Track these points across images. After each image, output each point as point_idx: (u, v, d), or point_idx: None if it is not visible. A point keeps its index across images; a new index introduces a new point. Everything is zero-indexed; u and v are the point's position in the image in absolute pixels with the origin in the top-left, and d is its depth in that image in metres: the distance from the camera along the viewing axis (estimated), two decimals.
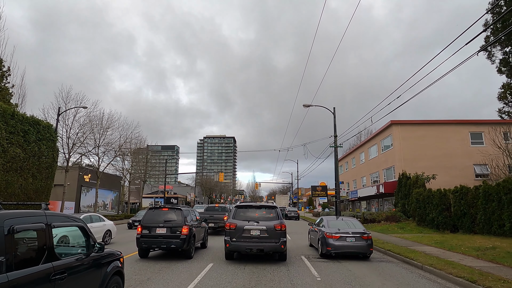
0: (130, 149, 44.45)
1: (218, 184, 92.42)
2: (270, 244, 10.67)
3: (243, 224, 10.96)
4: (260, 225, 10.89)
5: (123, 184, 49.49)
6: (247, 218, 11.27)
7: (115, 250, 6.01)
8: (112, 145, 36.22)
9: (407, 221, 25.71)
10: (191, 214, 13.30)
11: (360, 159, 42.51)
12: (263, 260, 11.70)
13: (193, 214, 13.80)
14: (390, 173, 32.66)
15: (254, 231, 10.83)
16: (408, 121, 32.02)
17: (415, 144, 30.78)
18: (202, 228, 14.56)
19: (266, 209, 11.76)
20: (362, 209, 41.04)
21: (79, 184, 37.48)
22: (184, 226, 11.43)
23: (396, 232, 21.89)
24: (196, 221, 13.40)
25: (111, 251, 5.70)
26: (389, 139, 32.71)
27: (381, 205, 35.17)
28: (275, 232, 10.76)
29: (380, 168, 34.96)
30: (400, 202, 28.08)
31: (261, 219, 11.19)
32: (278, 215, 11.40)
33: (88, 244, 5.03)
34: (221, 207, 26.75)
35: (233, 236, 10.88)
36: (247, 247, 10.68)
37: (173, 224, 11.52)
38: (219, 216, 23.13)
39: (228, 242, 10.89)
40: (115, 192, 46.53)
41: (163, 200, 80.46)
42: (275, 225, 10.86)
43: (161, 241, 11.35)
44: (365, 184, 39.52)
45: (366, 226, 27.36)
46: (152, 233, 11.47)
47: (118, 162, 43.59)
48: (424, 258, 11.59)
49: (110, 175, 45.78)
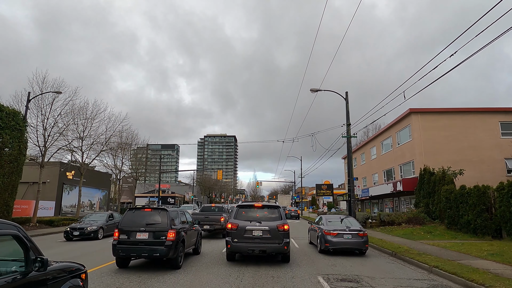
0: (121, 144, 40.99)
1: (217, 182, 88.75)
2: (272, 245, 10.39)
3: (245, 224, 10.66)
4: (262, 226, 10.58)
5: (116, 183, 45.98)
6: (249, 218, 10.96)
7: (73, 263, 4.71)
8: (97, 139, 32.74)
9: (433, 224, 21.99)
10: (179, 215, 11.54)
11: (371, 155, 38.79)
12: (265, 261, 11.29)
13: (182, 215, 11.96)
14: (408, 168, 28.92)
15: (256, 231, 10.52)
16: (429, 109, 28.26)
17: (437, 136, 27.04)
18: (195, 232, 12.79)
19: (268, 209, 11.43)
20: (374, 210, 37.34)
21: (61, 182, 33.92)
22: (170, 231, 9.80)
23: (424, 238, 18.18)
24: (186, 224, 11.79)
25: (65, 265, 4.44)
26: (407, 130, 28.97)
27: (397, 204, 31.43)
28: (278, 233, 10.45)
29: (395, 163, 31.23)
30: (422, 202, 24.36)
31: (264, 219, 10.87)
32: (281, 215, 11.04)
33: (28, 259, 3.62)
34: (218, 207, 23.48)
35: (235, 236, 10.59)
36: (249, 248, 10.42)
37: (157, 228, 9.89)
38: (215, 217, 20.34)
39: (230, 242, 10.61)
40: (104, 190, 42.96)
41: (158, 199, 77.05)
42: (278, 226, 10.55)
43: (142, 249, 9.70)
44: (377, 181, 35.79)
45: (384, 230, 23.78)
46: (132, 238, 9.81)
47: (106, 158, 40.07)
48: (504, 284, 7.86)
49: (98, 173, 42.24)
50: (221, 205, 25.25)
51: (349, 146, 22.79)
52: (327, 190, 53.76)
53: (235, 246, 10.53)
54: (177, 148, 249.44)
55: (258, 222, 10.67)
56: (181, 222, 11.18)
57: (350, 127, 22.61)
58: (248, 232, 10.52)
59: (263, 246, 10.35)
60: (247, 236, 10.50)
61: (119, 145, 38.97)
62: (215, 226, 19.84)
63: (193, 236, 12.48)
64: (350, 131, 22.70)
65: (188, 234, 11.40)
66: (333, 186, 55.25)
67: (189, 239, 11.54)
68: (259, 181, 70.60)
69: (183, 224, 11.27)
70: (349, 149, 22.85)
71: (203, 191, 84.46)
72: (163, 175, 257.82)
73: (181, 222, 11.18)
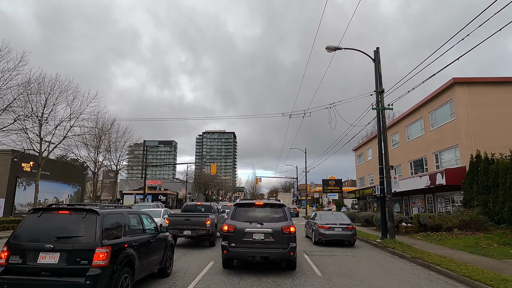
0: (96, 131, 34.68)
1: (213, 179, 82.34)
2: (276, 250, 8.98)
3: (244, 226, 9.25)
4: (264, 227, 9.16)
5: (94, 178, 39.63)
6: (249, 218, 9.54)
7: None
8: (61, 123, 26.46)
9: (500, 230, 15.75)
10: (130, 220, 7.46)
11: (391, 144, 32.50)
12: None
13: (134, 219, 7.78)
14: (449, 156, 22.61)
15: (257, 234, 9.12)
16: (478, 79, 21.89)
17: (490, 113, 20.74)
18: (159, 243, 8.63)
19: (271, 207, 9.87)
20: (395, 209, 31.04)
21: (13, 174, 27.60)
22: (100, 250, 5.77)
23: (508, 255, 11.90)
24: (144, 234, 7.83)
25: None
26: (446, 108, 22.62)
27: (430, 202, 25.10)
28: (282, 236, 9.05)
29: (428, 151, 24.92)
30: (477, 199, 18.10)
31: (266, 220, 9.44)
32: (286, 215, 9.59)
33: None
34: (204, 206, 18.21)
35: (232, 240, 9.16)
36: (249, 254, 8.97)
37: (76, 244, 5.81)
38: (198, 220, 15.29)
39: (226, 248, 9.13)
40: (76, 186, 36.63)
41: (143, 196, 70.86)
42: (283, 228, 9.13)
43: (45, 284, 5.53)
44: (402, 175, 29.47)
45: (428, 238, 16.21)
46: (30, 263, 5.70)
47: (81, 149, 33.79)
48: None
49: (68, 164, 35.92)
50: (208, 203, 19.46)
51: (381, 121, 16.48)
52: (335, 186, 47.53)
53: (232, 252, 9.15)
54: (175, 145, 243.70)
55: (259, 224, 9.34)
56: (131, 230, 7.29)
57: (383, 95, 16.28)
58: (248, 235, 9.20)
59: (266, 251, 9.03)
60: (247, 240, 9.16)
61: (91, 132, 32.59)
62: (198, 232, 14.99)
63: (157, 250, 8.40)
64: (383, 100, 16.38)
65: (144, 250, 7.56)
66: (342, 181, 48.92)
67: (146, 257, 7.64)
68: (259, 177, 64.21)
69: (134, 234, 7.38)
70: (381, 125, 16.55)
71: (197, 188, 77.99)
72: (160, 172, 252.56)
73: (131, 230, 7.29)
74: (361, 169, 43.15)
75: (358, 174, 44.80)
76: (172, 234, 15.43)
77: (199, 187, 78.11)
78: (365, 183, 41.34)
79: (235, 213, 9.85)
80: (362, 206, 42.49)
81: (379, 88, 16.33)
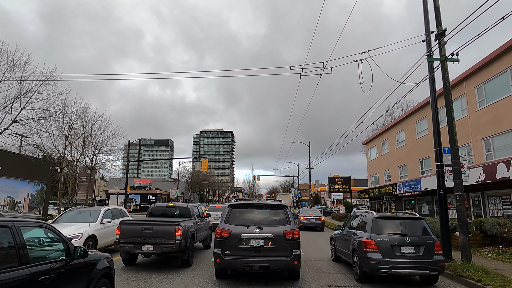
0: (65, 118, 29.11)
1: (208, 177, 76.46)
2: (278, 259, 7.81)
3: (240, 231, 8.04)
4: (264, 232, 7.96)
5: (63, 174, 33.97)
6: (246, 222, 8.33)
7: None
8: None
9: None
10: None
11: (415, 132, 26.90)
12: None
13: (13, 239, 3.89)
14: (508, 141, 16.98)
15: (255, 240, 7.90)
16: None
17: None
18: (74, 278, 4.82)
19: (271, 209, 8.71)
20: (424, 210, 25.41)
21: None
22: None
23: None
24: (25, 267, 3.92)
25: None
26: (507, 76, 16.98)
27: (478, 203, 19.43)
28: (285, 242, 7.86)
29: (477, 135, 19.29)
30: None
31: (265, 224, 8.26)
32: (289, 218, 8.37)
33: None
34: (180, 208, 13.23)
35: (226, 247, 7.96)
36: (246, 263, 7.79)
37: None
38: (163, 230, 10.25)
39: (219, 256, 7.96)
40: (39, 184, 30.84)
41: (138, 197, 65.24)
42: (286, 232, 7.94)
43: None
44: (433, 168, 23.87)
45: (503, 255, 10.50)
46: None
47: (41, 137, 28.14)
48: None
49: (28, 158, 30.17)
50: (185, 204, 13.90)
51: (444, 77, 10.80)
52: (343, 184, 41.85)
53: (227, 260, 7.89)
54: (172, 144, 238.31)
55: (258, 228, 8.06)
56: None
57: (443, 38, 10.62)
58: (245, 241, 7.94)
59: (265, 260, 7.74)
60: (243, 246, 7.91)
61: (53, 117, 26.87)
62: (164, 247, 9.97)
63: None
64: (445, 47, 10.72)
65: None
66: (350, 179, 43.21)
67: None
68: (256, 175, 58.64)
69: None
70: (446, 83, 10.88)
71: (190, 188, 72.11)
72: (156, 171, 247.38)
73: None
74: (374, 165, 37.52)
75: (370, 171, 39.16)
76: (124, 250, 10.28)
77: (192, 187, 72.26)
78: (379, 181, 35.75)
79: (230, 215, 8.65)
80: (375, 208, 36.89)
81: (438, 28, 10.67)
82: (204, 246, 14.69)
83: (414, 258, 7.97)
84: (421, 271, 7.93)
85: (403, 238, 8.20)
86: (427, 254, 8.00)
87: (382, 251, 8.07)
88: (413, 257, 7.98)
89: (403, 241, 8.14)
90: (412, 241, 8.12)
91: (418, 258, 7.95)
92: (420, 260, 7.93)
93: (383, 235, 8.38)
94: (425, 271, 7.93)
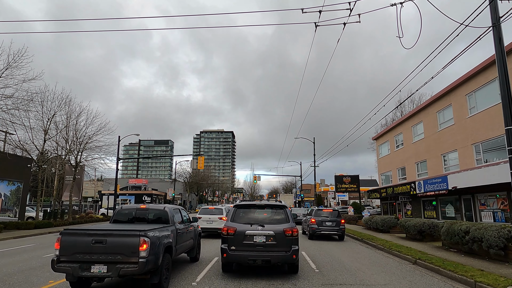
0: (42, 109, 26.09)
1: (206, 177, 73.20)
2: (278, 253, 8.66)
3: (245, 229, 8.89)
4: (266, 230, 8.82)
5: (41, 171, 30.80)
6: (250, 220, 9.24)
7: None
8: None
9: None
10: None
11: (438, 123, 23.70)
12: None
13: None
14: None
15: (258, 237, 8.75)
16: None
17: None
18: None
19: (272, 209, 9.70)
20: (449, 212, 22.14)
21: None
22: None
23: None
24: None
25: None
26: None
27: None
28: (285, 239, 8.72)
29: None
30: None
31: (267, 222, 9.15)
32: (288, 217, 9.34)
33: None
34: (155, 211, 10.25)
35: (232, 243, 8.78)
36: (250, 257, 8.60)
37: None
38: (124, 243, 7.02)
39: (226, 251, 8.77)
40: (15, 183, 27.76)
41: (133, 198, 62.14)
42: (285, 230, 8.80)
43: None
44: (460, 164, 20.60)
45: None
46: None
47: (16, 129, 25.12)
48: None
49: (3, 155, 27.05)
50: (161, 206, 10.62)
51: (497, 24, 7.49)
52: (351, 183, 38.61)
53: (233, 255, 8.70)
54: (172, 145, 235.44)
55: (260, 226, 8.91)
56: None
57: None
58: (249, 238, 8.72)
59: (267, 255, 8.60)
60: (247, 242, 8.71)
61: (27, 107, 23.77)
62: (121, 268, 6.89)
63: None
64: None
65: None
66: (359, 178, 39.95)
67: None
68: (257, 175, 55.48)
69: None
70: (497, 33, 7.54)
71: (188, 188, 68.87)
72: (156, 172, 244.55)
73: None
74: (386, 162, 34.28)
75: (380, 169, 35.91)
76: (68, 273, 7.22)
77: (190, 187, 69.04)
78: (392, 179, 32.50)
79: (235, 214, 9.53)
80: (386, 209, 33.59)
81: None
82: (190, 258, 11.55)
83: (331, 227, 19.12)
84: (335, 233, 19.21)
85: (327, 217, 19.48)
86: (337, 225, 19.11)
87: (318, 224, 19.22)
88: (331, 227, 19.13)
89: (326, 219, 19.36)
90: (331, 220, 19.35)
91: (333, 227, 19.09)
92: (334, 228, 19.07)
93: (319, 217, 19.69)
94: (336, 232, 19.16)
